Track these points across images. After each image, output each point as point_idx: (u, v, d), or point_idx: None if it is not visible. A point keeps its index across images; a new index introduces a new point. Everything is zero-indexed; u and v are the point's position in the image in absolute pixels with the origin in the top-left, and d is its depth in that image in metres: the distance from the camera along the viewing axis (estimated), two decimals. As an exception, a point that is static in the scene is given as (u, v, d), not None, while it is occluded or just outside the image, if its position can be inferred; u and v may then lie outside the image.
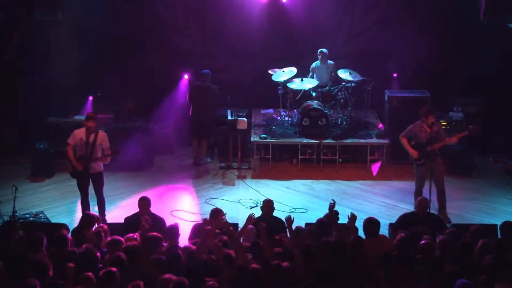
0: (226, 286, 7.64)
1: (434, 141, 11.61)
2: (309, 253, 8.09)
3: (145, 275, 7.75)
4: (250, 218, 9.12)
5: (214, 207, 12.14)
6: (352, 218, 9.07)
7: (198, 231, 9.44)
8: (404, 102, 14.30)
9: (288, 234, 9.03)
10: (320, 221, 9.30)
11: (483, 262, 8.06)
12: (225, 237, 8.60)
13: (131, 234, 8.94)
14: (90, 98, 14.84)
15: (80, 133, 11.35)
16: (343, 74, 14.33)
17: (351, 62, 14.76)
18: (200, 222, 10.10)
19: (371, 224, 9.08)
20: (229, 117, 14.25)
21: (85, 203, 11.50)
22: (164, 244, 8.61)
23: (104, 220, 11.18)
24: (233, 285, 7.65)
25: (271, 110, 15.51)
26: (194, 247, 8.46)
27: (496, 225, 9.87)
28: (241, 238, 8.98)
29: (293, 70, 14.48)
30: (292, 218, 9.02)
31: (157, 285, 7.51)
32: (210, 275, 7.72)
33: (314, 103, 14.21)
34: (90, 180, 11.47)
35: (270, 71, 14.62)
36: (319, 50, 14.62)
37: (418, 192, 11.84)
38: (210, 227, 8.71)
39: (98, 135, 11.29)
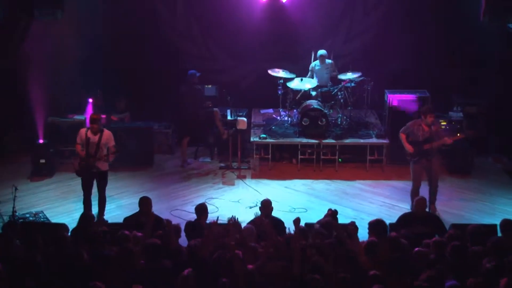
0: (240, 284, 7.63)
1: (432, 140, 11.64)
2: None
3: None
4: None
5: (214, 206, 12.23)
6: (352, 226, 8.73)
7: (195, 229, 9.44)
8: (404, 102, 14.30)
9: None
10: (324, 222, 9.19)
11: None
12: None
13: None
14: (90, 100, 14.81)
15: (86, 132, 11.42)
16: (343, 73, 14.35)
17: (351, 61, 14.73)
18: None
19: (379, 226, 8.91)
20: (229, 117, 14.25)
21: (88, 203, 11.55)
22: None
23: (102, 220, 11.22)
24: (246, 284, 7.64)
25: (271, 110, 15.51)
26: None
27: (495, 225, 9.88)
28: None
29: (292, 74, 14.50)
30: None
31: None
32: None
33: (314, 103, 14.20)
34: (95, 179, 11.54)
35: (270, 71, 14.60)
36: (318, 54, 14.62)
37: (414, 190, 11.89)
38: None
39: (103, 134, 11.38)
